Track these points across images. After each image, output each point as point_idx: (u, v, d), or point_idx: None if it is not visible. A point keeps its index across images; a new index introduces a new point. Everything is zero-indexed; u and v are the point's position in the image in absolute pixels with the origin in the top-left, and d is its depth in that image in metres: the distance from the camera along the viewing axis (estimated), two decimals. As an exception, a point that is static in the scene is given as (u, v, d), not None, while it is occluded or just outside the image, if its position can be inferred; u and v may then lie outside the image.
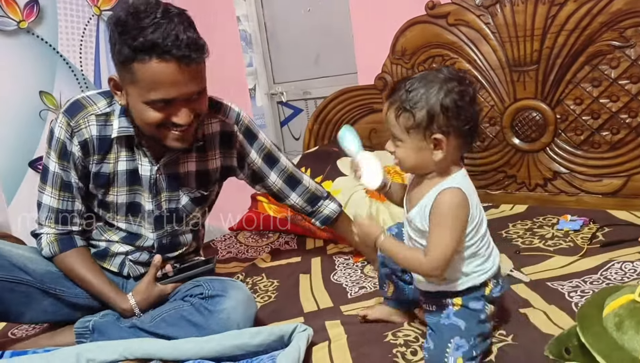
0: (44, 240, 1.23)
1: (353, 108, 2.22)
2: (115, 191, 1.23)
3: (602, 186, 1.71)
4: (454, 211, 0.90)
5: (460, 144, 0.92)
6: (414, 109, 0.89)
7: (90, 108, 1.18)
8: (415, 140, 0.92)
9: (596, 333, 0.82)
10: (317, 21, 2.39)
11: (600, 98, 1.65)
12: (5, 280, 1.16)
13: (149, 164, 1.23)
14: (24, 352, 1.14)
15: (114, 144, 1.20)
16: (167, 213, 1.28)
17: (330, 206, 1.47)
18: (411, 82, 0.92)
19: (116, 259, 1.30)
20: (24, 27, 2.32)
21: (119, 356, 1.02)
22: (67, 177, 1.20)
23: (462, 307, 0.97)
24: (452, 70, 0.93)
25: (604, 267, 1.26)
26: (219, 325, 1.09)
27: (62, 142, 1.18)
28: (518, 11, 1.72)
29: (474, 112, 0.91)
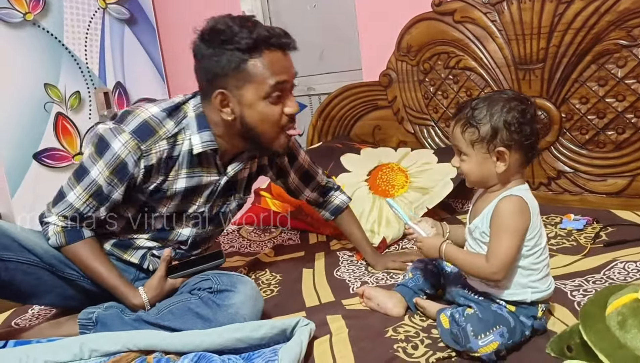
0: (50, 229, 1.21)
1: (357, 105, 2.22)
2: (168, 204, 1.24)
3: (607, 185, 1.70)
4: (514, 217, 0.96)
5: (521, 158, 0.99)
6: (479, 125, 0.97)
7: (161, 132, 1.16)
8: (479, 153, 0.99)
9: (599, 331, 0.82)
10: (322, 17, 2.39)
11: (606, 97, 1.65)
12: (17, 261, 1.16)
13: (217, 175, 1.26)
14: (27, 341, 1.15)
15: (177, 162, 1.20)
16: (214, 216, 1.32)
17: (340, 197, 1.51)
18: (476, 101, 1.00)
19: (138, 252, 1.30)
20: (30, 19, 2.32)
21: (122, 347, 1.03)
22: (109, 191, 1.17)
23: (514, 313, 0.99)
24: (515, 92, 1.01)
25: (607, 267, 1.26)
26: (227, 320, 1.09)
27: (123, 161, 1.14)
28: (525, 9, 1.72)
29: (534, 128, 0.98)
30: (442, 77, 1.96)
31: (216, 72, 1.12)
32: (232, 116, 1.15)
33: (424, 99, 2.04)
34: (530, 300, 0.99)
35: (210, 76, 1.13)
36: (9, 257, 1.15)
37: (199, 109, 1.19)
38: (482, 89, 1.88)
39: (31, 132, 2.37)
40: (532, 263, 0.99)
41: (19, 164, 2.34)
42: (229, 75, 1.11)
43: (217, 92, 1.13)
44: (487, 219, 0.99)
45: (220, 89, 1.13)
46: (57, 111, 2.44)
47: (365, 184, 1.78)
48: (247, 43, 1.09)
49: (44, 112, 2.40)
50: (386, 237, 1.61)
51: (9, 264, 1.15)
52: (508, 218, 0.96)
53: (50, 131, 2.42)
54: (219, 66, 1.11)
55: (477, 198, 1.08)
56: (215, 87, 1.13)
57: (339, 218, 1.51)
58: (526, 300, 0.99)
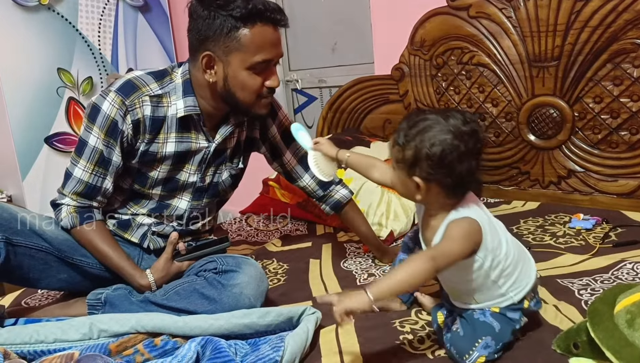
0: (63, 211, 1.23)
1: (368, 98, 2.21)
2: (159, 167, 1.26)
3: (618, 186, 1.69)
4: (465, 233, 0.90)
5: (445, 193, 0.92)
6: (405, 147, 0.91)
7: (144, 89, 1.21)
8: (401, 173, 0.94)
9: (607, 329, 0.82)
10: (335, 9, 2.38)
11: (621, 97, 1.63)
12: (25, 246, 1.17)
13: (205, 142, 1.27)
14: (37, 320, 1.16)
15: (165, 124, 1.23)
16: (208, 186, 1.32)
17: (341, 192, 1.47)
18: (417, 119, 0.92)
19: (139, 230, 1.32)
20: (45, 3, 2.33)
21: (131, 329, 1.04)
22: (109, 154, 1.21)
23: (500, 313, 0.96)
24: (465, 116, 0.91)
25: (616, 267, 1.26)
26: (231, 299, 1.11)
27: (113, 120, 1.18)
28: (541, 5, 1.70)
29: (460, 169, 0.89)
30: (454, 72, 1.95)
31: (207, 35, 1.14)
32: (215, 78, 1.18)
33: (435, 94, 2.03)
34: (517, 300, 0.96)
35: (200, 37, 1.16)
36: (18, 242, 1.16)
37: (186, 76, 1.23)
38: (494, 86, 1.87)
39: (43, 116, 2.38)
40: (501, 273, 0.95)
41: (30, 147, 2.36)
42: (219, 40, 1.14)
43: (204, 53, 1.16)
44: None
45: (208, 51, 1.16)
46: (69, 95, 2.46)
47: (374, 178, 1.78)
48: (242, 12, 1.11)
49: (56, 96, 2.42)
50: (394, 230, 1.61)
51: (18, 249, 1.16)
52: (460, 232, 0.90)
53: (62, 116, 2.44)
54: (210, 28, 1.13)
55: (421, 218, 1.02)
56: (204, 49, 1.16)
57: (343, 212, 1.49)
58: (514, 302, 0.96)
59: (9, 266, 1.15)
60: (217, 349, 0.96)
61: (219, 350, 0.96)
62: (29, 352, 1.01)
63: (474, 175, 0.92)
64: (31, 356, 1.01)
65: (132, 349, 1.01)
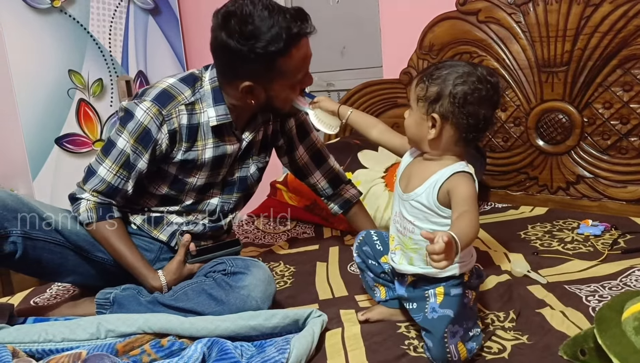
0: (82, 205, 1.24)
1: (376, 101, 2.22)
2: (198, 174, 1.28)
3: (627, 192, 1.68)
4: (473, 194, 0.94)
5: (455, 135, 0.95)
6: (430, 83, 0.95)
7: (180, 98, 1.22)
8: (419, 111, 0.97)
9: (614, 335, 0.81)
10: (345, 13, 2.39)
11: (631, 103, 1.62)
12: (45, 240, 1.19)
13: (237, 142, 1.30)
14: (46, 319, 1.18)
15: (201, 131, 1.24)
16: (237, 181, 1.35)
17: (351, 191, 1.49)
18: (444, 62, 0.97)
19: (168, 228, 1.33)
20: (57, 5, 2.36)
21: (138, 329, 1.05)
22: (135, 160, 1.22)
23: (445, 296, 0.98)
24: (488, 71, 0.96)
25: (624, 274, 1.25)
26: (239, 301, 1.12)
27: (146, 128, 1.19)
28: (551, 10, 1.70)
29: (478, 112, 0.93)
30: (463, 77, 1.95)
31: (244, 68, 1.15)
32: (256, 100, 1.20)
33: (444, 98, 2.03)
34: (459, 274, 0.98)
35: (235, 68, 1.16)
36: (37, 236, 1.18)
37: (215, 83, 1.23)
38: (503, 91, 1.86)
39: (54, 117, 2.41)
40: None
41: (41, 148, 2.38)
42: (259, 72, 1.15)
43: (245, 85, 1.16)
44: (434, 189, 0.95)
45: (248, 81, 1.16)
46: (80, 97, 2.48)
47: (381, 181, 1.78)
48: (278, 45, 1.09)
49: (67, 97, 2.44)
50: (401, 234, 1.61)
51: (37, 242, 1.18)
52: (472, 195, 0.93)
53: (72, 117, 2.46)
54: (246, 62, 1.12)
55: (410, 162, 1.05)
56: (242, 79, 1.16)
57: (350, 213, 1.50)
58: (455, 274, 0.98)
59: (28, 259, 1.17)
60: (223, 350, 0.96)
61: (225, 352, 0.96)
62: (38, 350, 1.02)
63: (488, 126, 0.96)
64: (39, 355, 1.02)
65: (139, 349, 1.02)
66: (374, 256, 1.14)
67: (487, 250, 1.48)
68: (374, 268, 1.15)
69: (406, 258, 1.03)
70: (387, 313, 1.14)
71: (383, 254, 1.13)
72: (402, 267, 1.04)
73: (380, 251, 1.14)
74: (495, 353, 0.98)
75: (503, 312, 1.11)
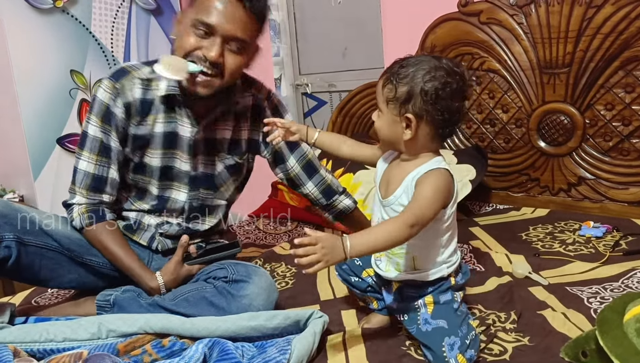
0: (75, 211, 1.25)
1: (378, 103, 2.21)
2: (151, 153, 1.28)
3: (628, 194, 1.68)
4: (440, 188, 0.93)
5: (431, 132, 0.94)
6: (398, 84, 0.92)
7: (135, 73, 1.25)
8: (391, 113, 0.94)
9: (616, 337, 0.81)
10: (346, 14, 2.39)
11: (633, 104, 1.62)
12: (36, 245, 1.19)
13: (189, 126, 1.28)
14: (47, 318, 1.18)
15: (154, 107, 1.25)
16: (202, 176, 1.32)
17: (345, 202, 1.47)
18: (408, 60, 0.94)
19: (146, 233, 1.33)
20: (60, 6, 2.36)
21: (139, 329, 1.05)
22: (107, 140, 1.24)
23: (435, 305, 0.98)
24: (453, 62, 0.94)
25: (626, 275, 1.25)
26: (240, 310, 1.10)
27: (106, 104, 1.23)
28: (553, 12, 1.70)
29: (452, 105, 0.92)
30: (464, 78, 1.95)
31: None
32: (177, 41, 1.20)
33: (445, 99, 2.03)
34: (446, 275, 0.99)
35: None
36: (29, 241, 1.18)
37: None
38: (505, 92, 1.86)
39: (55, 117, 2.41)
40: (448, 239, 0.99)
41: (42, 148, 2.39)
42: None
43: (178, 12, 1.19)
44: (410, 188, 0.94)
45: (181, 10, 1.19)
46: (82, 97, 2.48)
47: (382, 182, 1.78)
48: None
49: (68, 98, 2.45)
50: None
51: (29, 248, 1.18)
52: (435, 188, 0.91)
53: (74, 117, 2.46)
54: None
55: (386, 168, 1.04)
56: None
57: (347, 222, 1.50)
58: (443, 275, 0.99)
59: (21, 265, 1.17)
60: (224, 351, 0.96)
61: (226, 352, 0.96)
62: (39, 350, 1.02)
63: (461, 118, 0.95)
64: (40, 354, 1.02)
65: (140, 349, 1.02)
66: (354, 272, 1.13)
67: (488, 251, 1.47)
68: (358, 285, 1.13)
69: (392, 264, 1.02)
70: (385, 320, 1.13)
71: (363, 269, 1.12)
72: (388, 274, 1.03)
73: (359, 266, 1.12)
74: (497, 355, 0.98)
75: (504, 313, 1.11)
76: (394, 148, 1.00)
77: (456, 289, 1.01)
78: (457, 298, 1.00)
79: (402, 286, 1.03)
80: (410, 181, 0.95)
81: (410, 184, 0.95)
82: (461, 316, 0.98)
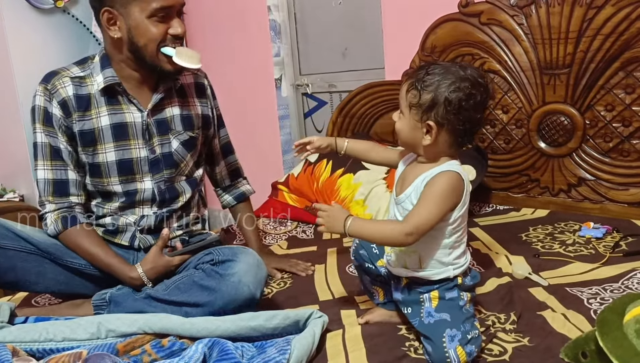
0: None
1: (378, 103, 2.22)
2: (103, 148, 1.28)
3: (629, 195, 1.67)
4: (447, 191, 0.94)
5: (450, 140, 0.97)
6: (423, 91, 0.94)
7: (64, 72, 1.28)
8: (413, 118, 0.97)
9: (616, 338, 0.81)
10: (347, 14, 2.39)
11: (633, 105, 1.62)
12: (14, 249, 1.21)
13: (138, 112, 1.30)
14: (47, 318, 1.18)
15: (93, 100, 1.27)
16: (161, 157, 1.34)
17: (246, 186, 1.59)
18: (434, 66, 0.96)
19: (126, 234, 1.34)
20: (60, 6, 2.36)
21: (138, 329, 1.04)
22: (55, 143, 1.26)
23: (440, 300, 0.99)
24: (477, 71, 0.96)
25: (626, 276, 1.25)
26: (230, 288, 1.11)
27: (43, 108, 1.26)
28: (553, 13, 1.70)
29: (474, 117, 0.95)
30: (465, 78, 1.95)
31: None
32: (120, 33, 1.23)
33: (445, 100, 2.03)
34: (452, 276, 1.00)
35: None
36: (6, 245, 1.20)
37: (102, 52, 1.30)
38: (505, 93, 1.86)
39: (56, 117, 2.41)
40: (455, 241, 1.00)
41: (43, 147, 2.38)
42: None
43: (103, 9, 1.21)
44: (419, 189, 0.97)
45: (106, 7, 1.20)
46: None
47: (383, 183, 1.78)
48: None
49: (69, 98, 2.45)
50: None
51: (8, 251, 1.20)
52: (441, 191, 0.94)
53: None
54: None
55: (404, 169, 1.06)
56: (102, 6, 1.21)
57: (237, 206, 1.56)
58: (449, 277, 0.99)
59: (1, 268, 1.18)
60: (224, 351, 0.96)
61: (225, 352, 0.96)
62: (38, 350, 1.02)
63: (480, 127, 1.00)
64: (40, 354, 1.02)
65: (140, 349, 1.02)
66: (370, 259, 1.14)
67: (488, 252, 1.47)
68: (370, 272, 1.15)
69: (401, 261, 1.04)
70: (386, 315, 1.14)
71: (379, 257, 1.13)
72: (397, 270, 1.05)
73: (376, 254, 1.14)
74: (496, 356, 0.98)
75: (504, 314, 1.11)
76: (412, 150, 1.03)
77: (464, 289, 1.01)
78: (464, 297, 1.00)
79: (410, 282, 1.04)
80: (420, 182, 0.97)
81: (420, 185, 0.97)
82: (466, 314, 0.99)
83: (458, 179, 0.96)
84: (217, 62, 2.78)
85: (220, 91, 1.64)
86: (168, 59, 1.23)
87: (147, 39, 1.21)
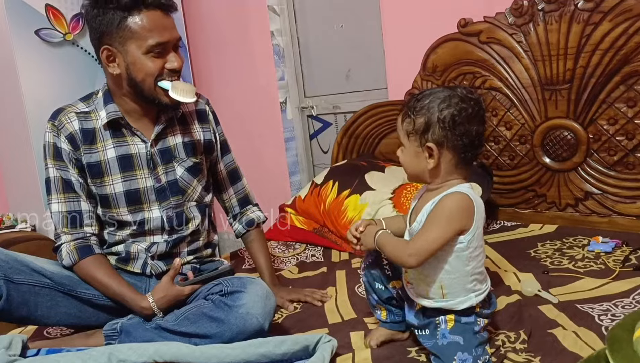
0: (64, 250, 1.29)
1: (382, 123, 2.24)
2: (111, 179, 1.32)
3: (636, 208, 1.67)
4: (452, 213, 0.95)
5: (454, 157, 0.98)
6: (416, 116, 0.97)
7: (70, 108, 1.34)
8: (413, 145, 0.99)
9: (626, 356, 0.80)
10: (349, 37, 2.43)
11: (635, 118, 1.63)
12: (28, 283, 1.22)
13: (142, 143, 1.34)
14: (58, 349, 1.18)
15: (99, 134, 1.32)
16: (167, 185, 1.36)
17: (256, 213, 1.57)
18: (423, 93, 0.99)
19: (138, 261, 1.36)
20: (70, 39, 2.43)
21: (149, 358, 1.05)
22: (67, 176, 1.30)
23: (455, 323, 0.99)
24: (466, 88, 0.99)
25: (637, 291, 1.24)
26: (239, 320, 1.12)
27: (53, 143, 1.31)
28: (551, 30, 1.72)
29: (470, 130, 0.96)
30: (467, 96, 1.96)
31: (102, 31, 1.24)
32: (119, 70, 1.27)
33: (449, 118, 2.04)
34: (475, 304, 0.99)
35: (97, 35, 1.26)
36: (20, 280, 1.21)
37: (105, 88, 1.35)
38: (507, 109, 1.88)
39: (66, 147, 2.45)
40: (476, 266, 0.99)
41: (53, 177, 2.42)
42: (113, 32, 1.23)
43: (102, 48, 1.25)
44: (426, 215, 0.98)
45: (106, 45, 1.25)
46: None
47: (389, 203, 1.79)
48: (126, 2, 1.20)
49: (78, 127, 2.49)
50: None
51: (21, 286, 1.21)
52: (447, 213, 0.95)
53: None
54: (102, 24, 1.23)
55: (418, 199, 1.07)
56: (102, 44, 1.25)
57: (249, 234, 1.54)
58: (472, 304, 0.99)
59: (13, 304, 1.19)
60: (233, 378, 0.96)
61: (235, 379, 0.96)
62: (51, 381, 1.03)
63: (482, 141, 0.99)
64: (53, 385, 1.03)
65: (151, 378, 1.02)
66: (382, 280, 1.14)
67: (497, 269, 1.47)
68: (380, 292, 1.14)
69: (422, 292, 1.03)
70: (388, 334, 1.14)
71: (391, 279, 1.13)
72: (418, 300, 1.04)
73: (389, 275, 1.13)
74: (507, 376, 0.97)
75: (514, 333, 1.11)
76: (421, 180, 1.03)
77: (480, 315, 1.01)
78: (480, 323, 1.00)
79: (424, 307, 1.04)
80: (430, 206, 0.98)
81: (429, 208, 0.98)
82: (480, 339, 0.98)
83: (465, 200, 0.96)
84: (223, 88, 2.83)
85: (226, 116, 1.67)
86: (165, 92, 1.27)
87: (144, 74, 1.25)
